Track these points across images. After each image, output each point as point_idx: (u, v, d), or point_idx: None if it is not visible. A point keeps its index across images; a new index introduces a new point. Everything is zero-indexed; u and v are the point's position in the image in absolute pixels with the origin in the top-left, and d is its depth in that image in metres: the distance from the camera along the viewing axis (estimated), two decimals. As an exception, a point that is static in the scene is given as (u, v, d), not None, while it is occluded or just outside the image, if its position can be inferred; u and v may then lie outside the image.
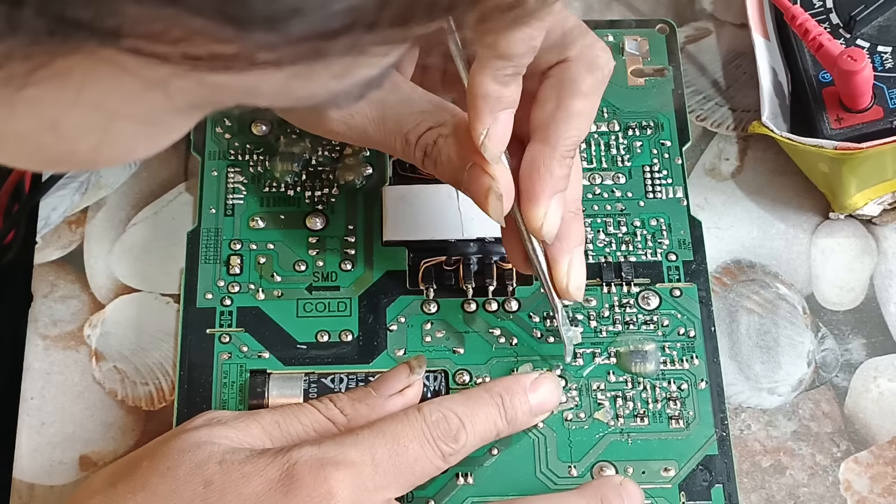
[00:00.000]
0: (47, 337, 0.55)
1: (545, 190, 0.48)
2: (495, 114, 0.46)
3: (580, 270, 0.50)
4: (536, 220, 0.48)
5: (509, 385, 0.49)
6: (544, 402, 0.50)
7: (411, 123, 0.50)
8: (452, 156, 0.49)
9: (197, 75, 0.25)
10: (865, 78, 0.54)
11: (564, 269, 0.50)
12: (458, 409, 0.47)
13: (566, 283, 0.50)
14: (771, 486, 0.52)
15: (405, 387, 0.49)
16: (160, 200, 0.58)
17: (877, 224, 0.58)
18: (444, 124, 0.49)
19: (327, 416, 0.47)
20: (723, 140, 0.60)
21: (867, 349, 0.55)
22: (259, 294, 0.54)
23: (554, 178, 0.48)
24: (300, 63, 0.25)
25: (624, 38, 0.61)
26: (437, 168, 0.50)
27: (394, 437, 0.45)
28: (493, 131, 0.46)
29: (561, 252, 0.50)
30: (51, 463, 0.52)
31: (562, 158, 0.48)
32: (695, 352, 0.53)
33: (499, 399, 0.48)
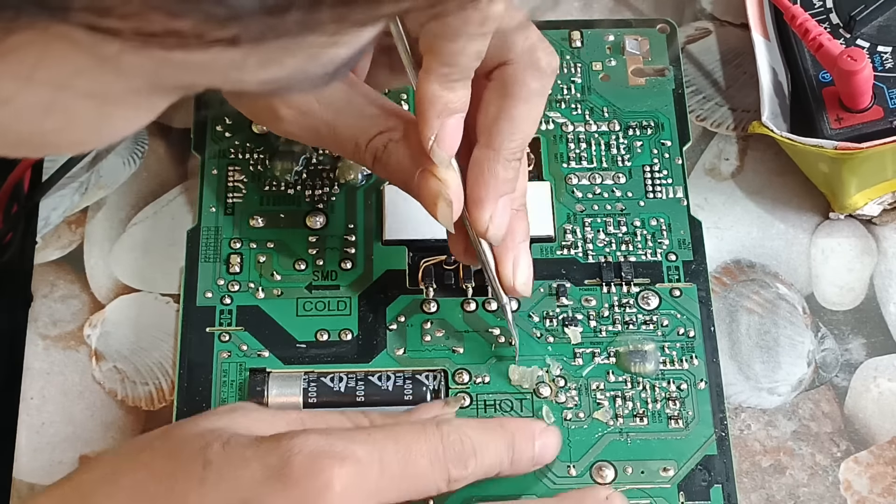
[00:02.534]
0: (47, 337, 0.55)
1: (490, 193, 0.48)
2: (443, 119, 0.46)
3: (526, 266, 0.51)
4: (482, 224, 0.48)
5: (522, 426, 0.49)
6: (544, 454, 0.49)
7: (361, 128, 0.50)
8: (402, 160, 0.49)
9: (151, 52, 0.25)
10: (865, 78, 0.54)
11: (510, 266, 0.50)
12: (474, 437, 0.46)
13: (513, 280, 0.50)
14: (771, 486, 0.52)
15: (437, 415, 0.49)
16: (160, 200, 0.58)
17: (877, 224, 0.58)
18: (394, 129, 0.49)
19: (354, 423, 0.47)
20: (723, 140, 0.60)
21: (867, 349, 0.55)
22: (259, 293, 0.54)
23: (499, 182, 0.48)
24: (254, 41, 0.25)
25: (624, 38, 0.61)
26: (388, 172, 0.50)
27: (407, 445, 0.44)
28: (441, 136, 0.46)
29: (506, 250, 0.50)
30: (51, 463, 0.52)
31: (506, 162, 0.48)
32: (694, 352, 0.53)
33: (510, 438, 0.48)
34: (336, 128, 0.50)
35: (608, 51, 0.60)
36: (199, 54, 0.25)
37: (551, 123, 0.58)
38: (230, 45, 0.25)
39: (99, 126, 0.29)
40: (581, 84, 0.59)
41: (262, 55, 0.26)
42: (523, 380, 0.52)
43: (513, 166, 0.48)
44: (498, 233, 0.49)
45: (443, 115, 0.46)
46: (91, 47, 0.25)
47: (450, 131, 0.47)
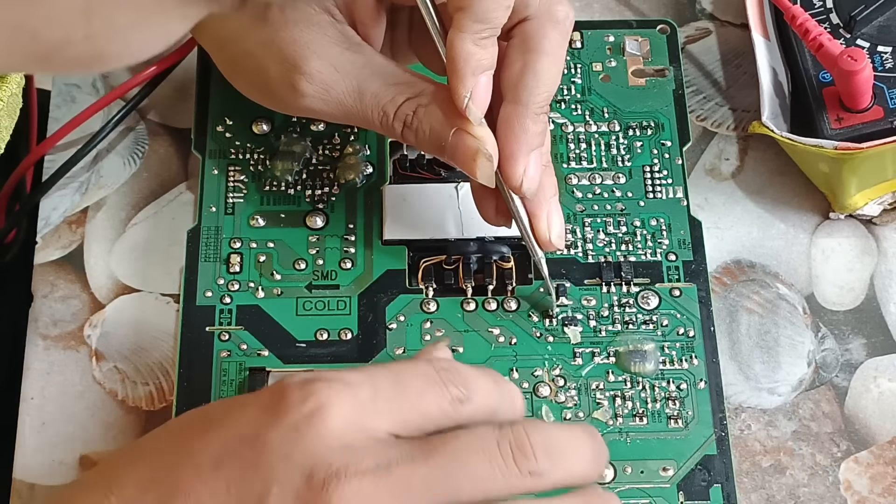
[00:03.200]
0: (47, 337, 0.55)
1: (522, 148, 0.49)
2: (477, 76, 0.47)
3: (559, 219, 0.52)
4: (516, 178, 0.49)
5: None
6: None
7: (388, 96, 0.50)
8: (434, 124, 0.49)
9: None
10: (865, 78, 0.54)
11: (545, 220, 0.51)
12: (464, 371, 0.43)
13: (548, 234, 0.51)
14: (771, 486, 0.52)
15: None
16: (160, 200, 0.58)
17: (877, 224, 0.58)
18: (422, 94, 0.50)
19: None
20: (723, 140, 0.60)
21: (867, 349, 0.55)
22: (259, 292, 0.54)
23: (529, 136, 0.49)
24: None
25: (625, 39, 0.61)
26: (418, 138, 0.50)
27: (398, 370, 0.42)
28: (475, 94, 0.48)
29: (539, 205, 0.51)
30: (51, 463, 0.52)
31: (535, 115, 0.49)
32: (694, 352, 0.53)
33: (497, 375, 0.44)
34: (362, 99, 0.50)
35: (608, 51, 0.60)
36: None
37: (551, 124, 0.58)
38: None
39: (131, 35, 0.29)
40: (581, 84, 0.59)
41: None
42: None
43: (541, 119, 0.49)
44: (532, 186, 0.50)
45: (477, 72, 0.47)
46: None
47: (483, 88, 0.48)
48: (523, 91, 0.49)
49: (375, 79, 0.50)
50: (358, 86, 0.50)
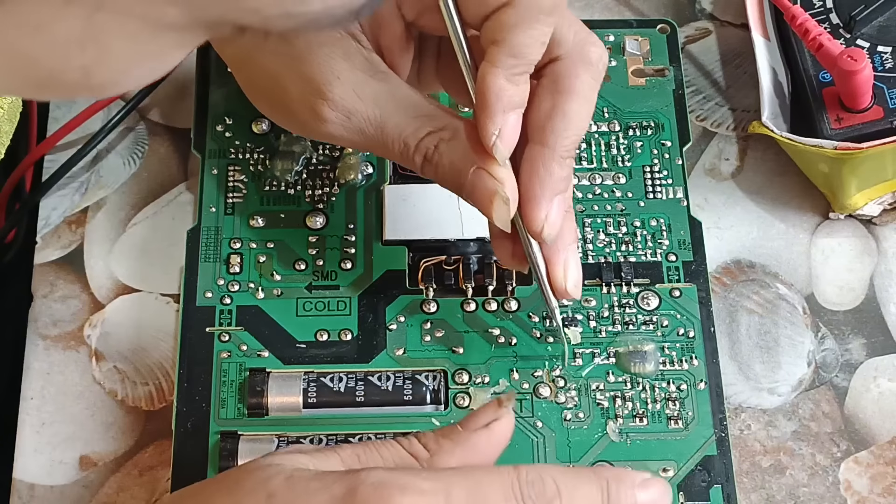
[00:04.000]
0: (47, 337, 0.55)
1: (546, 192, 0.47)
2: (507, 114, 0.45)
3: (576, 268, 0.50)
4: (538, 223, 0.47)
5: (619, 474, 0.44)
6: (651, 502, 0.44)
7: (411, 128, 0.48)
8: (455, 160, 0.48)
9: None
10: (865, 78, 0.54)
11: (561, 268, 0.49)
12: (557, 478, 0.43)
13: (564, 283, 0.49)
14: (771, 486, 0.52)
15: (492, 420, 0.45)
16: (160, 200, 0.58)
17: (877, 224, 0.58)
18: (444, 128, 0.48)
19: (410, 452, 0.45)
20: (723, 140, 0.60)
21: (867, 349, 0.55)
22: (259, 293, 0.54)
23: (554, 180, 0.47)
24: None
25: (624, 38, 0.60)
26: (438, 173, 0.49)
27: (477, 480, 0.41)
28: (504, 132, 0.46)
29: (556, 252, 0.49)
30: (51, 463, 0.52)
31: (561, 159, 0.47)
32: (694, 352, 0.53)
33: (604, 483, 0.43)
34: (384, 129, 0.49)
35: (608, 51, 0.60)
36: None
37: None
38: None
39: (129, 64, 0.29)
40: (581, 84, 0.59)
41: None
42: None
43: (567, 163, 0.48)
44: (552, 232, 0.48)
45: (507, 109, 0.45)
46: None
47: (511, 127, 0.46)
48: (551, 133, 0.47)
49: (399, 109, 0.49)
50: (380, 115, 0.48)
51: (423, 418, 0.52)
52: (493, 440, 0.45)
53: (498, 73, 0.45)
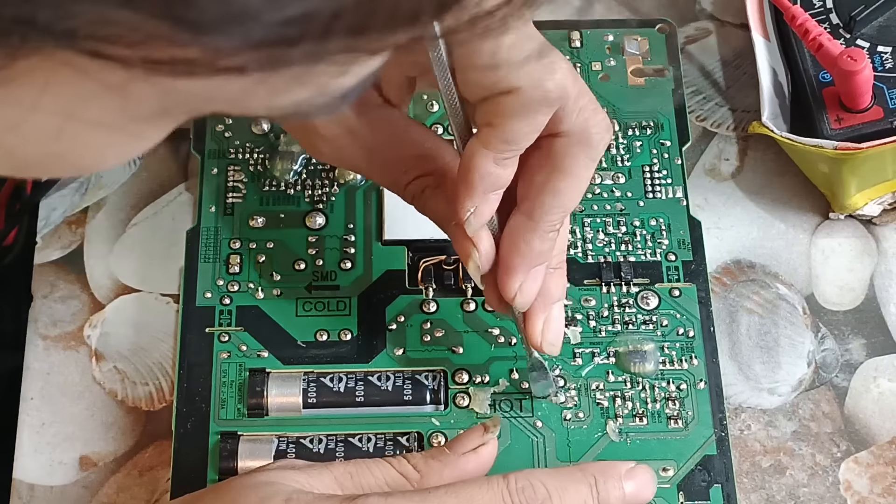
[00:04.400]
0: (47, 337, 0.55)
1: (523, 263, 0.47)
2: (487, 194, 0.45)
3: (556, 327, 0.49)
4: (510, 292, 0.47)
5: (604, 468, 0.46)
6: (639, 492, 0.46)
7: (400, 169, 0.49)
8: (438, 207, 0.48)
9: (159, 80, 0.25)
10: (865, 78, 0.54)
11: (539, 326, 0.49)
12: (547, 481, 0.44)
13: (539, 340, 0.49)
14: (771, 486, 0.52)
15: (479, 445, 0.47)
16: (160, 200, 0.58)
17: (877, 224, 0.58)
18: (431, 174, 0.48)
19: (400, 472, 0.46)
20: (723, 140, 0.60)
21: (867, 349, 0.55)
22: (258, 293, 0.54)
23: (533, 253, 0.47)
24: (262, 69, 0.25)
25: (624, 38, 0.60)
26: (425, 213, 0.49)
27: (468, 497, 0.43)
28: (480, 210, 0.45)
29: (536, 310, 0.49)
30: (51, 463, 0.52)
31: (544, 233, 0.47)
32: (694, 352, 0.53)
33: (592, 479, 0.45)
34: (373, 162, 0.49)
35: (608, 51, 0.60)
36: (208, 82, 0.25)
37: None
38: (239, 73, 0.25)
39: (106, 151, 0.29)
40: (581, 84, 0.59)
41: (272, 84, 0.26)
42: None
43: (550, 237, 0.47)
44: (524, 301, 0.47)
45: (488, 190, 0.45)
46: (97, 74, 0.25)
47: (489, 206, 0.45)
48: (538, 208, 0.46)
49: (389, 147, 0.49)
50: (370, 153, 0.49)
51: (423, 418, 0.52)
52: (480, 462, 0.46)
53: (487, 155, 0.44)
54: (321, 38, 0.24)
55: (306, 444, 0.51)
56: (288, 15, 0.23)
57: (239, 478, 0.45)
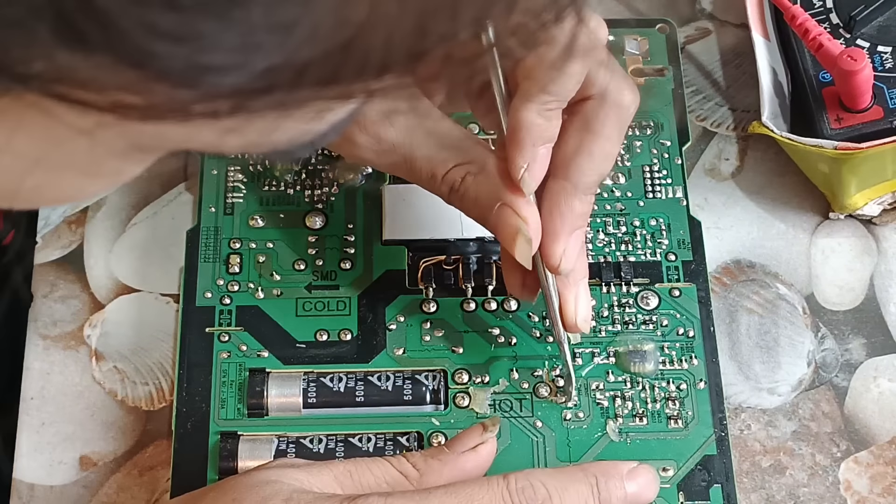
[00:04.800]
0: (47, 337, 0.55)
1: (565, 227, 0.48)
2: (536, 147, 0.46)
3: (587, 303, 0.50)
4: (555, 257, 0.48)
5: (605, 469, 0.46)
6: (641, 493, 0.46)
7: (439, 158, 0.49)
8: (479, 194, 0.48)
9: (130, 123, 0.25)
10: (865, 78, 0.54)
11: (573, 302, 0.49)
12: (547, 481, 0.44)
13: (575, 317, 0.49)
14: (771, 486, 0.52)
15: (479, 444, 0.47)
16: (160, 200, 0.58)
17: (877, 224, 0.58)
18: (472, 161, 0.48)
19: (400, 470, 0.46)
20: (723, 140, 0.60)
21: (867, 349, 0.55)
22: (258, 293, 0.54)
23: (574, 215, 0.48)
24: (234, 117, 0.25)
25: (624, 38, 0.61)
26: (464, 205, 0.49)
27: (468, 497, 0.43)
28: (532, 166, 0.46)
29: (568, 286, 0.49)
30: (51, 463, 0.52)
31: (583, 195, 0.48)
32: (694, 352, 0.53)
33: (593, 479, 0.45)
34: (413, 158, 0.49)
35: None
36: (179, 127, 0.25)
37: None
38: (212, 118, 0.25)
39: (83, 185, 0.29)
40: (581, 84, 0.59)
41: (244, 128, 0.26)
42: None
43: (588, 200, 0.48)
44: (568, 266, 0.48)
45: (537, 143, 0.46)
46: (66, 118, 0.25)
47: (540, 161, 0.46)
48: (575, 170, 0.48)
49: (428, 137, 0.49)
50: (410, 143, 0.49)
51: (423, 418, 0.52)
52: (479, 461, 0.47)
53: (531, 107, 0.45)
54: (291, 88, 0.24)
55: (306, 444, 0.51)
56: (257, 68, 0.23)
57: (239, 476, 0.45)
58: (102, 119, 0.24)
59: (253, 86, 0.24)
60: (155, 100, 0.24)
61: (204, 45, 0.23)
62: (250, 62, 0.23)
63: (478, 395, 0.52)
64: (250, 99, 0.24)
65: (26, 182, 0.28)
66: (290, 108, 0.25)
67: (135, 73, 0.23)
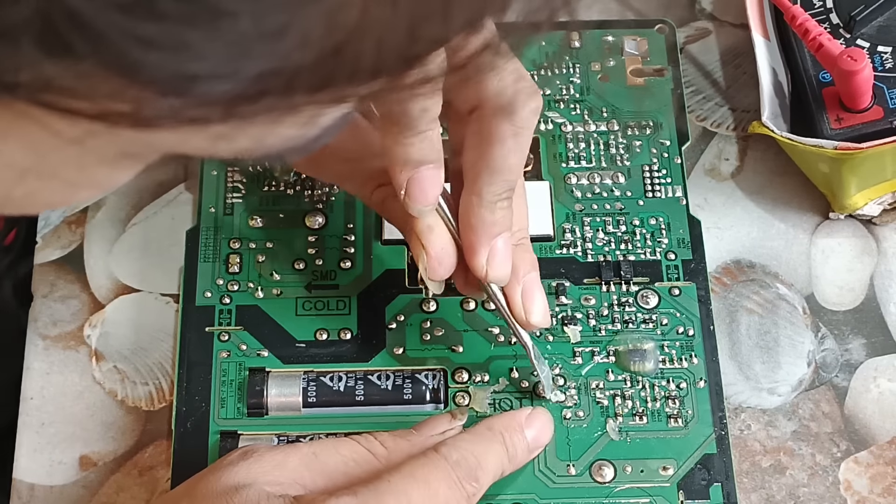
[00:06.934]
0: (47, 337, 0.55)
1: (481, 238, 0.47)
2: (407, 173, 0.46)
3: (537, 297, 0.49)
4: (479, 269, 0.47)
5: (507, 422, 0.49)
6: (538, 438, 0.49)
7: (364, 179, 0.50)
8: (398, 215, 0.49)
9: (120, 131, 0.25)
10: (865, 78, 0.54)
11: (519, 300, 0.49)
12: (472, 449, 0.46)
13: (524, 314, 0.49)
14: (771, 486, 0.52)
15: (446, 430, 0.49)
16: (160, 200, 0.58)
17: (877, 224, 0.58)
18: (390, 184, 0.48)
19: (367, 448, 0.47)
20: (723, 140, 0.60)
21: (867, 349, 0.55)
22: (258, 293, 0.54)
23: (487, 226, 0.47)
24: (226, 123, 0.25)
25: (623, 38, 0.61)
26: (391, 220, 0.51)
27: (425, 480, 0.45)
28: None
29: (512, 286, 0.49)
30: (51, 463, 0.52)
31: (490, 205, 0.47)
32: (693, 351, 0.53)
33: (500, 437, 0.48)
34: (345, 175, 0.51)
35: (607, 51, 0.60)
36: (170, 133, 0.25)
37: (550, 123, 0.58)
38: (202, 125, 0.25)
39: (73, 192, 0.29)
40: (580, 84, 0.59)
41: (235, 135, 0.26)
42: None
43: (499, 207, 0.47)
44: (498, 274, 0.48)
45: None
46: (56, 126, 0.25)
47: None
48: (476, 181, 0.47)
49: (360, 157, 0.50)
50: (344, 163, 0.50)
51: (423, 417, 0.51)
52: None
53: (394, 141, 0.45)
54: (283, 94, 0.24)
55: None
56: (248, 75, 0.23)
57: (207, 478, 0.45)
58: (92, 127, 0.24)
59: (244, 92, 0.24)
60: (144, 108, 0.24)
61: (191, 55, 0.23)
62: (241, 70, 0.23)
63: (477, 394, 0.52)
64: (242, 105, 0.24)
65: (17, 190, 0.28)
66: (282, 113, 0.25)
67: (123, 81, 0.23)
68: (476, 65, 0.27)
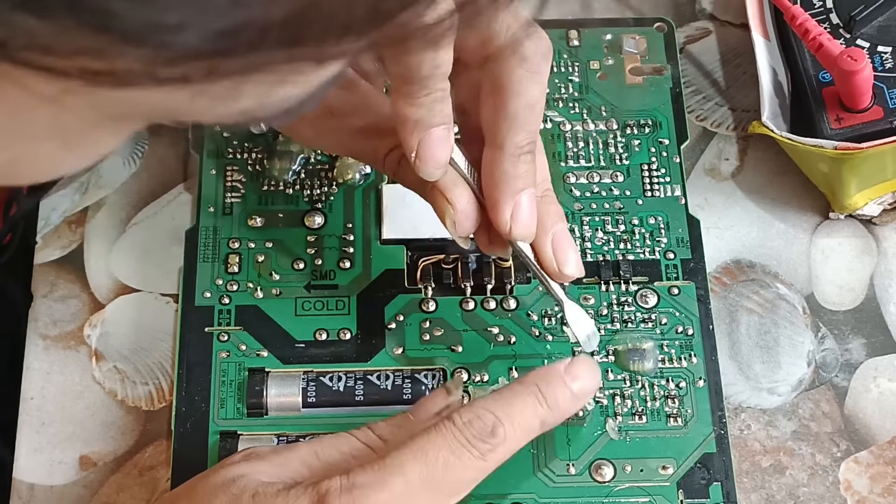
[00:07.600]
0: (47, 337, 0.55)
1: (505, 193, 0.46)
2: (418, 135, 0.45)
3: (566, 246, 0.48)
4: (503, 225, 0.47)
5: (544, 374, 0.46)
6: (584, 386, 0.47)
7: (379, 141, 0.49)
8: (414, 177, 0.48)
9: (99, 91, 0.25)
10: (865, 78, 0.54)
11: (549, 252, 0.48)
12: (490, 406, 0.44)
13: (556, 266, 0.48)
14: (771, 485, 0.52)
15: (443, 409, 0.47)
16: (160, 200, 0.58)
17: (877, 224, 0.58)
18: None
19: (365, 442, 0.46)
20: (723, 140, 0.60)
21: (867, 349, 0.55)
22: (257, 292, 0.54)
23: (510, 180, 0.46)
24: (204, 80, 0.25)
25: (622, 37, 0.61)
26: (405, 183, 0.50)
27: (422, 451, 0.43)
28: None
29: (539, 237, 0.48)
30: (51, 463, 0.52)
31: (514, 158, 0.46)
32: (693, 350, 0.53)
33: (534, 388, 0.46)
34: (354, 141, 0.50)
35: (606, 50, 0.60)
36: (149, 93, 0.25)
37: (549, 122, 0.58)
38: (181, 83, 0.25)
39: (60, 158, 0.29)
40: (579, 83, 0.59)
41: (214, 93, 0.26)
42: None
43: (523, 160, 0.46)
44: (522, 231, 0.47)
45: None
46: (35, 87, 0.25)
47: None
48: (498, 135, 0.46)
49: (367, 122, 0.49)
50: (351, 129, 0.49)
51: (422, 417, 0.52)
52: None
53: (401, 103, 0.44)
54: (255, 48, 0.24)
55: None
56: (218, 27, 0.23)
57: (208, 476, 0.45)
58: (69, 86, 0.24)
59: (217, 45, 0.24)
60: (118, 63, 0.24)
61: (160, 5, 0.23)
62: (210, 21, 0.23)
63: (477, 393, 0.52)
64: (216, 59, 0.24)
65: (2, 157, 0.28)
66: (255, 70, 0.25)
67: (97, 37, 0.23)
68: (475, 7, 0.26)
